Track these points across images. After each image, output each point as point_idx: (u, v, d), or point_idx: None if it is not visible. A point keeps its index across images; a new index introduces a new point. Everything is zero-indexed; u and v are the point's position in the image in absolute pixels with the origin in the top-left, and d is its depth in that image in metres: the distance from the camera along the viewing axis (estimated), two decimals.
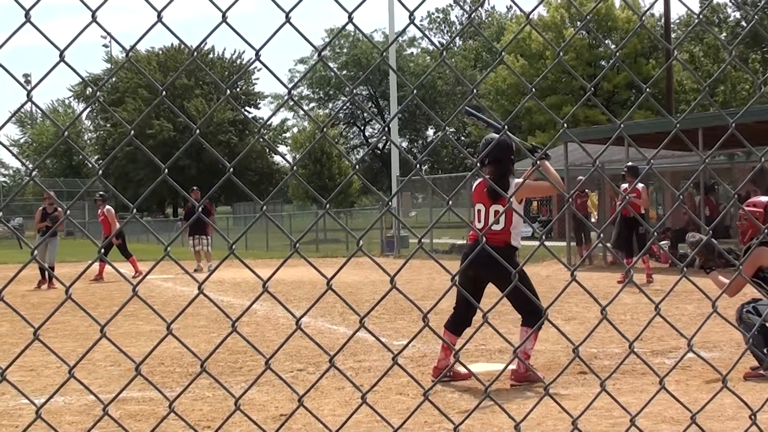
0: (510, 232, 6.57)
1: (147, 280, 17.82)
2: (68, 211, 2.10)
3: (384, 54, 2.32)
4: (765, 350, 6.51)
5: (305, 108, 67.85)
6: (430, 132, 73.60)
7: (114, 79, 66.96)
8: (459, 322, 6.76)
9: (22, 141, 73.88)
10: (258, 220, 31.96)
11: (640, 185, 14.65)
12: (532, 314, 6.45)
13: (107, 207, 18.94)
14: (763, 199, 7.09)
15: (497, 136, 6.79)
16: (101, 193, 20.25)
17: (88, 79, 57.20)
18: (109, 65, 70.86)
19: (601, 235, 16.50)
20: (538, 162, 6.71)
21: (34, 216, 20.72)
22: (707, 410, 3.22)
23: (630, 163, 15.28)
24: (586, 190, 21.31)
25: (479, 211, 6.78)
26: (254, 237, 34.91)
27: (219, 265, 2.45)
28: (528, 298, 6.15)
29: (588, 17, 2.69)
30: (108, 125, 69.20)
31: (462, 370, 6.56)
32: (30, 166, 1.99)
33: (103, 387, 6.66)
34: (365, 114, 71.30)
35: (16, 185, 72.25)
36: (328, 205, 2.14)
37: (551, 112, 2.56)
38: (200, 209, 2.13)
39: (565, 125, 2.47)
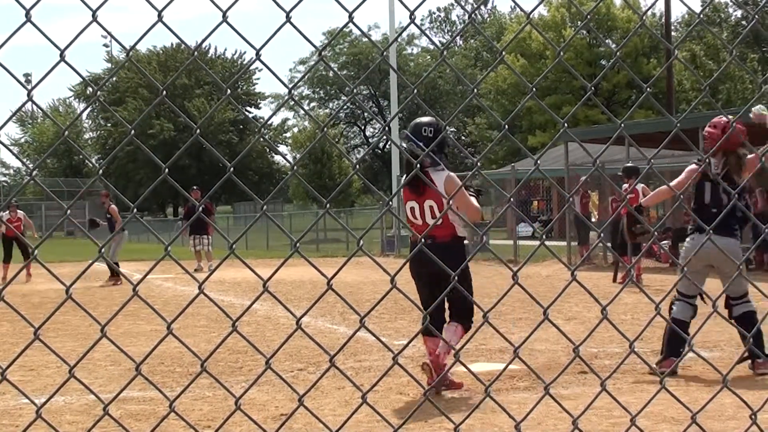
0: (453, 224, 6.23)
1: (147, 280, 17.82)
2: (68, 211, 2.10)
3: (384, 53, 2.32)
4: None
5: (305, 108, 67.86)
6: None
7: (114, 79, 66.97)
8: (435, 325, 6.39)
9: (22, 140, 73.87)
10: (258, 220, 31.96)
11: (639, 185, 14.68)
12: (465, 315, 6.26)
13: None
14: (723, 119, 7.28)
15: (426, 121, 6.55)
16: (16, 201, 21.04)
17: (88, 79, 57.21)
18: (109, 65, 70.86)
19: (602, 234, 16.48)
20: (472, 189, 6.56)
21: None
22: (707, 410, 3.22)
23: (627, 164, 15.30)
24: (588, 191, 21.27)
25: (412, 209, 6.39)
26: (254, 237, 34.91)
27: (219, 264, 2.45)
28: (466, 297, 5.95)
29: (588, 17, 2.70)
30: (108, 125, 69.21)
31: (455, 379, 6.43)
32: (30, 165, 1.99)
33: (104, 387, 6.66)
34: (366, 113, 71.32)
35: (17, 185, 72.23)
36: (328, 205, 2.14)
37: (551, 112, 2.56)
38: (200, 209, 2.13)
39: (566, 125, 2.47)
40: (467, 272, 6.25)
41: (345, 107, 70.80)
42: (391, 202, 2.28)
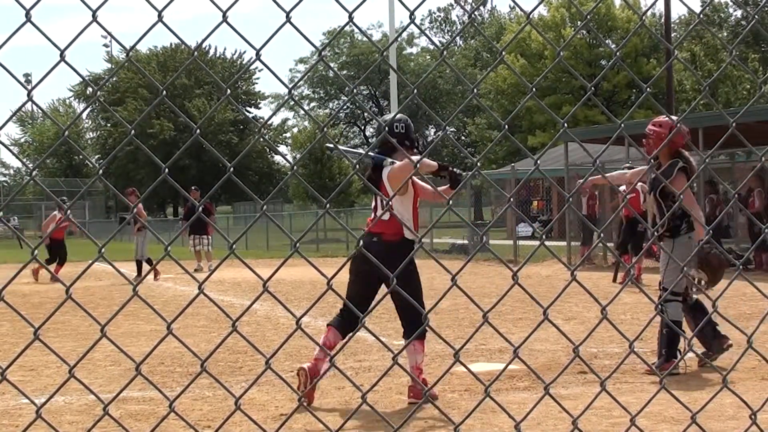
0: (400, 225, 5.78)
1: (147, 280, 17.84)
2: (69, 211, 2.10)
3: (384, 53, 2.32)
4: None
5: (305, 108, 67.88)
6: (431, 131, 73.59)
7: (114, 79, 66.92)
8: (349, 322, 6.03)
9: (22, 140, 73.86)
10: (258, 220, 31.96)
11: (639, 185, 14.67)
12: (415, 324, 5.83)
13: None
14: (665, 119, 7.31)
15: (398, 117, 6.31)
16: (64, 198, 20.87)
17: (88, 79, 57.19)
18: (109, 65, 70.84)
19: (602, 234, 16.47)
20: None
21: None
22: (707, 410, 3.22)
23: (629, 164, 15.30)
24: (597, 192, 21.18)
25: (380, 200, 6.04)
26: (254, 237, 34.90)
27: (219, 264, 2.45)
28: (415, 306, 5.79)
29: (588, 17, 2.70)
30: (108, 125, 69.20)
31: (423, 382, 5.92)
32: (30, 165, 2.00)
33: (104, 387, 6.66)
34: (366, 113, 71.30)
35: (17, 185, 72.22)
36: (328, 205, 2.14)
37: (551, 112, 2.56)
38: (200, 209, 2.13)
39: (566, 125, 2.47)
40: (415, 277, 5.88)
41: (345, 107, 70.79)
42: (390, 202, 2.28)
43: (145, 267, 17.83)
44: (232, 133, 65.77)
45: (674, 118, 7.29)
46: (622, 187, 14.43)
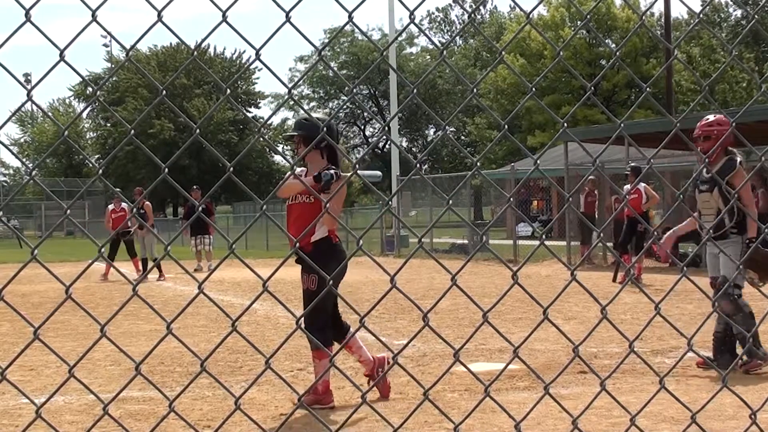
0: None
1: (147, 280, 17.84)
2: (68, 211, 2.10)
3: (384, 53, 2.32)
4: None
5: (305, 107, 67.81)
6: (431, 131, 73.59)
7: (114, 79, 66.89)
8: (340, 329, 6.16)
9: (22, 140, 73.86)
10: (258, 220, 31.94)
11: (641, 185, 14.72)
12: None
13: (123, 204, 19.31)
14: (723, 117, 7.17)
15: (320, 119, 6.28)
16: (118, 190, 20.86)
17: (88, 79, 57.14)
18: (109, 65, 70.83)
19: (601, 234, 16.48)
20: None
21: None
22: (707, 410, 3.22)
23: (633, 164, 15.34)
24: (596, 191, 21.19)
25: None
26: (254, 236, 34.90)
27: (219, 264, 2.44)
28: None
29: (588, 16, 2.69)
30: (108, 125, 69.19)
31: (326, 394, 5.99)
32: (30, 165, 1.99)
33: (103, 386, 6.66)
34: (365, 113, 71.27)
35: (17, 185, 72.21)
36: (328, 205, 2.14)
37: (551, 112, 2.56)
38: (201, 209, 2.13)
39: (566, 125, 2.47)
40: None
41: (345, 107, 70.75)
42: (390, 202, 2.29)
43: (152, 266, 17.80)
44: (231, 133, 65.76)
45: (723, 116, 7.21)
46: (627, 186, 14.45)
